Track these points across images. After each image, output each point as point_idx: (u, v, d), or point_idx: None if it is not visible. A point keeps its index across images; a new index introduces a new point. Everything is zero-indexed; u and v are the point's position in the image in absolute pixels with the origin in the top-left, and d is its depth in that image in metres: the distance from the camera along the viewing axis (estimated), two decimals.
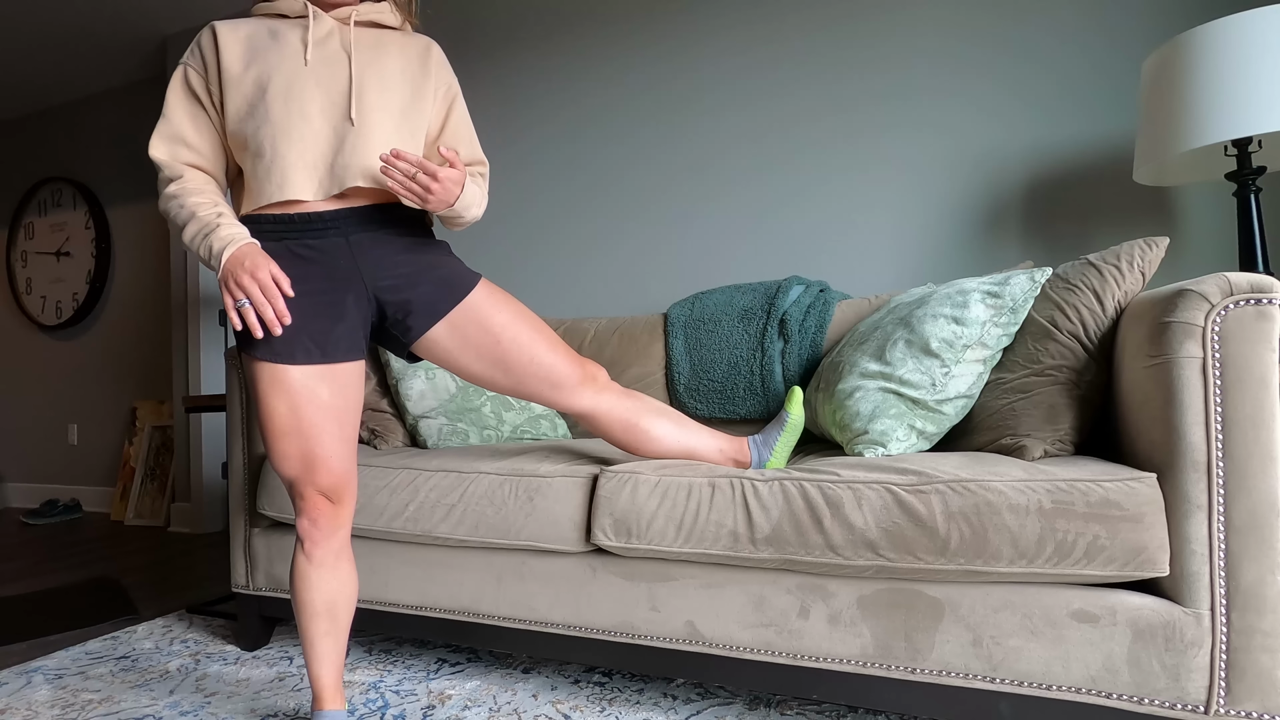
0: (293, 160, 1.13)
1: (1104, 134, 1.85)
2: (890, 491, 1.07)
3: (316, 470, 1.12)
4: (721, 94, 2.29)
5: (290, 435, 1.11)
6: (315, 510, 1.13)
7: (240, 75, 1.14)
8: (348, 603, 1.18)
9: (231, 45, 1.15)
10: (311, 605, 1.15)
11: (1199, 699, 0.94)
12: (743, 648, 1.18)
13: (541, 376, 1.25)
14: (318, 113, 1.14)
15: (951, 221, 2.00)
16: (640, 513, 1.22)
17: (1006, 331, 1.25)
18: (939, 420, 1.26)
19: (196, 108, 1.17)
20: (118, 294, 3.76)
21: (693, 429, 1.35)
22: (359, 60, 1.18)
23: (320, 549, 1.14)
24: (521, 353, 1.23)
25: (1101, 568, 0.97)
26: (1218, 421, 0.93)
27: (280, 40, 1.16)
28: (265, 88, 1.13)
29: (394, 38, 1.24)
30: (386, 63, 1.20)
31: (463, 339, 1.21)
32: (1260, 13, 1.35)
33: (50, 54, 3.43)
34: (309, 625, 1.16)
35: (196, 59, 1.17)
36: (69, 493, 3.86)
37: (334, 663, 1.19)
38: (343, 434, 1.14)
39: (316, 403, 1.11)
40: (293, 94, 1.13)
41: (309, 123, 1.13)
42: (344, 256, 1.16)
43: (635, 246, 2.41)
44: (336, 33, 1.19)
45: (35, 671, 1.56)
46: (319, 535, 1.14)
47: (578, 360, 1.28)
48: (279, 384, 1.10)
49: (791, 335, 1.76)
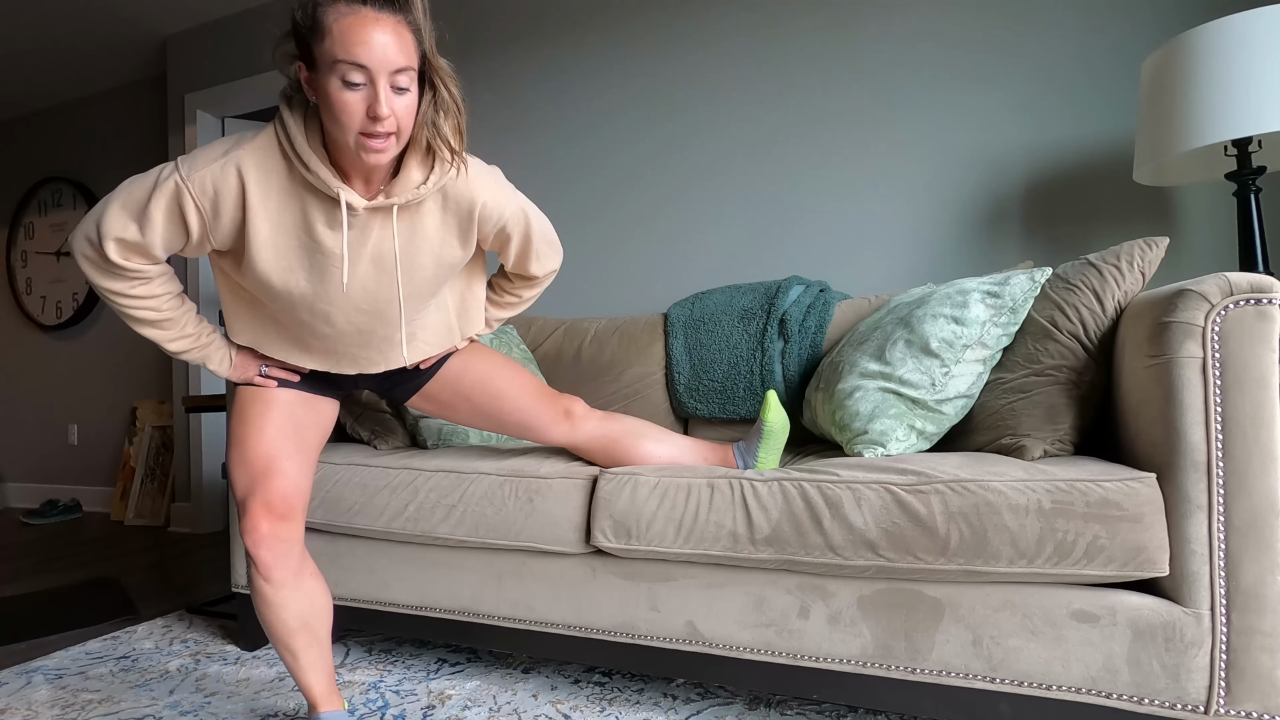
0: (315, 347, 1.17)
1: (1104, 134, 1.85)
2: (890, 491, 1.07)
3: (266, 476, 1.11)
4: (722, 95, 2.29)
5: (253, 438, 1.14)
6: (258, 530, 1.09)
7: (267, 272, 1.05)
8: (323, 613, 1.17)
9: (261, 226, 1.02)
10: (285, 625, 1.13)
11: (1199, 699, 0.94)
12: (743, 648, 1.18)
13: (516, 420, 1.35)
14: (346, 322, 1.13)
15: (951, 221, 2.00)
16: (640, 514, 1.22)
17: (1006, 331, 1.25)
18: (939, 420, 1.26)
19: (178, 235, 1.03)
20: None
21: (674, 442, 1.37)
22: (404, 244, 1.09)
23: (277, 570, 1.11)
24: (493, 404, 1.34)
25: (1101, 568, 0.97)
26: (1218, 421, 0.93)
27: (319, 246, 1.04)
28: (295, 304, 1.09)
29: (433, 209, 1.09)
30: (422, 251, 1.11)
31: (438, 403, 1.36)
32: (1260, 13, 1.35)
33: (50, 54, 3.43)
34: (288, 642, 1.14)
35: (209, 202, 1.00)
36: (69, 493, 3.86)
37: (323, 669, 1.17)
38: (302, 453, 1.17)
39: (287, 412, 1.17)
40: (320, 309, 1.10)
41: (335, 329, 1.14)
42: (346, 386, 1.31)
43: (635, 247, 2.41)
44: (375, 228, 1.06)
45: (35, 671, 1.56)
46: (269, 557, 1.10)
47: (551, 400, 1.35)
48: (253, 398, 1.18)
49: (791, 335, 1.76)
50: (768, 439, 1.33)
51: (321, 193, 1.02)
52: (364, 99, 0.92)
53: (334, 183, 0.99)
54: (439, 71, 0.98)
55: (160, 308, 1.11)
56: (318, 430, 1.23)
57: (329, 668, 1.18)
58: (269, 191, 1.01)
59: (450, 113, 1.00)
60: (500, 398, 1.33)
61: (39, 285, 3.96)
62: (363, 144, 0.94)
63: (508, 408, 1.34)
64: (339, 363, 1.20)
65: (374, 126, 0.93)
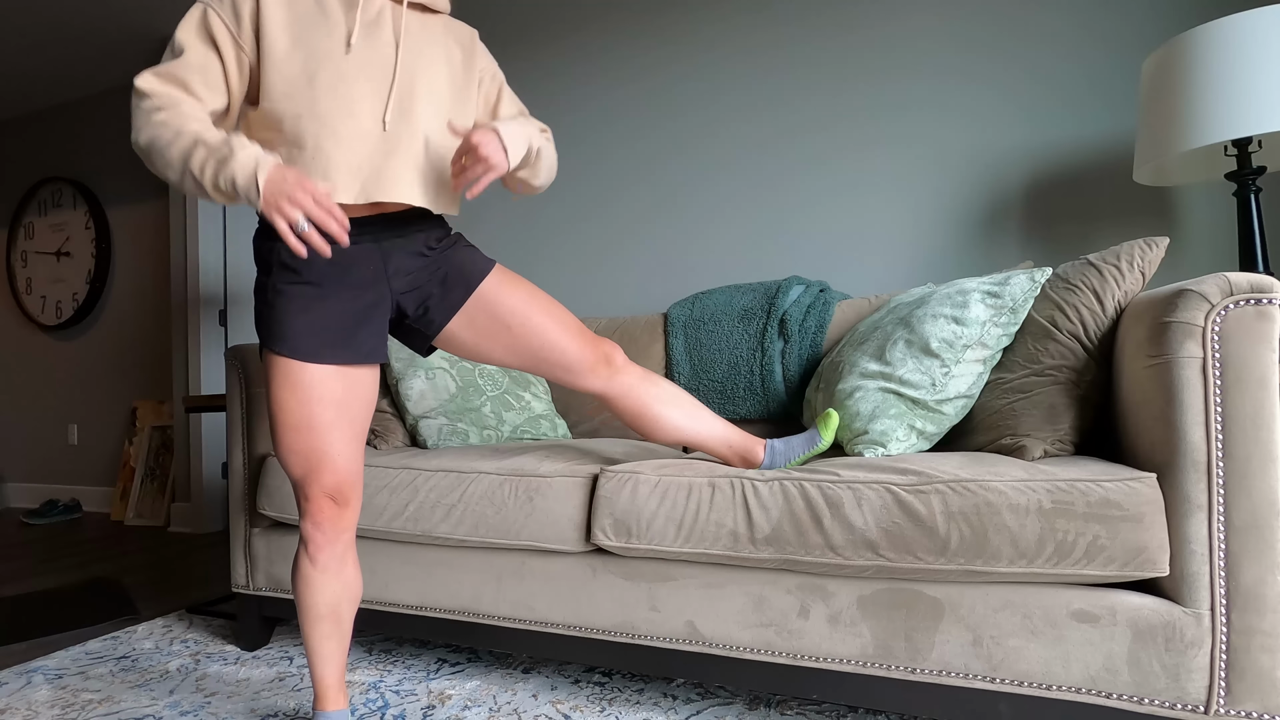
0: (338, 161, 1.07)
1: (1104, 134, 1.85)
2: (890, 491, 1.07)
3: (322, 469, 1.10)
4: (723, 96, 2.29)
5: (300, 431, 1.09)
6: (320, 513, 1.11)
7: (285, 54, 1.05)
8: (351, 604, 1.18)
9: (275, 12, 1.05)
10: (316, 609, 1.14)
11: (1199, 699, 0.94)
12: (743, 648, 1.18)
13: (554, 360, 1.25)
14: (366, 112, 1.08)
15: (951, 221, 2.00)
16: (640, 513, 1.22)
17: (1006, 331, 1.25)
18: (939, 420, 1.26)
19: (213, 61, 1.05)
20: (118, 294, 3.76)
21: (705, 419, 1.31)
22: (408, 50, 1.12)
23: (324, 553, 1.13)
24: (534, 338, 1.23)
25: (1101, 568, 0.97)
26: (1218, 421, 0.93)
27: (328, 17, 1.08)
28: (313, 77, 1.05)
29: (440, 23, 1.18)
30: (434, 53, 1.15)
31: (477, 330, 1.22)
32: (1260, 13, 1.35)
33: (50, 53, 3.43)
34: (312, 628, 1.15)
35: (228, 9, 1.05)
36: (69, 493, 3.86)
37: (337, 663, 1.18)
38: (352, 434, 1.13)
39: (329, 400, 1.10)
40: (340, 88, 1.06)
41: (356, 121, 1.08)
42: (373, 261, 1.14)
43: (635, 247, 2.41)
44: (388, 15, 1.11)
45: (35, 671, 1.56)
46: (323, 539, 1.12)
47: (592, 342, 1.27)
48: (296, 381, 1.09)
49: (791, 335, 1.76)
50: (815, 452, 1.28)
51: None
52: None
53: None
54: None
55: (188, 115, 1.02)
56: (363, 405, 1.16)
57: (343, 661, 1.19)
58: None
59: None
60: (543, 331, 1.24)
61: (39, 285, 3.96)
62: None
63: (550, 342, 1.24)
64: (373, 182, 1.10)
65: None
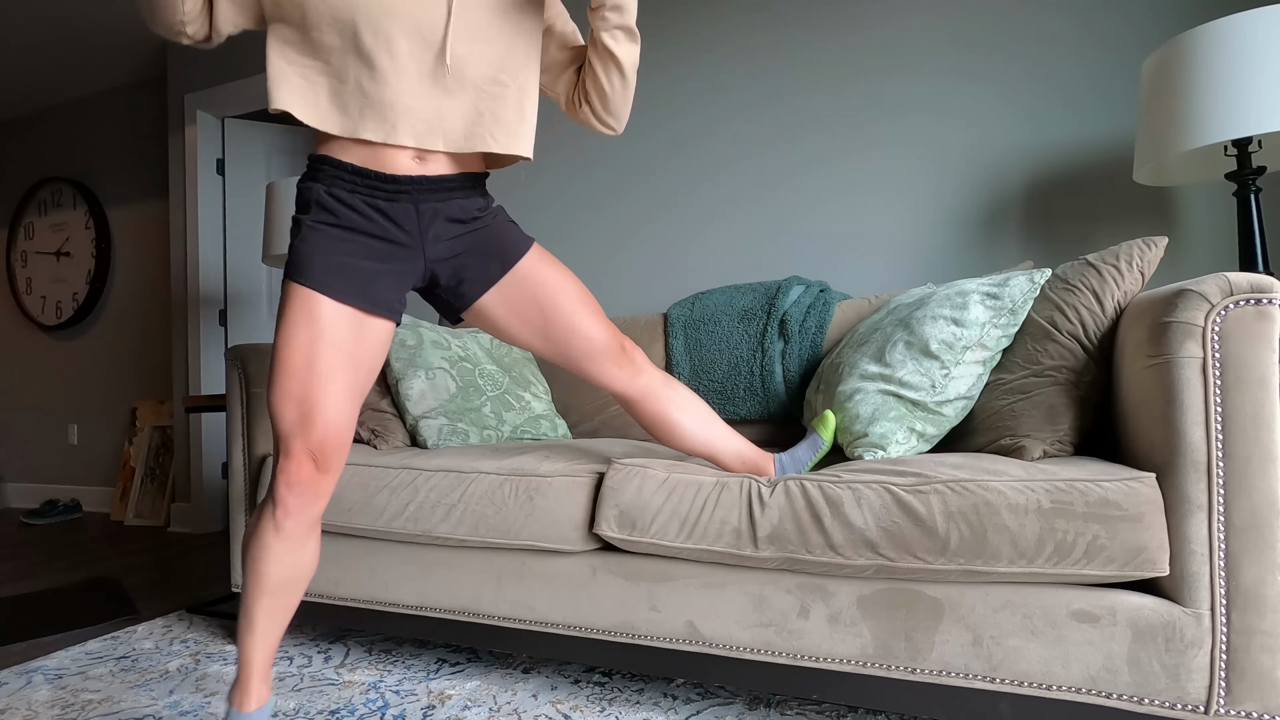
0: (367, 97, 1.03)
1: (1104, 134, 1.85)
2: (890, 491, 1.07)
3: (313, 420, 1.02)
4: (722, 96, 2.29)
5: (299, 373, 1.02)
6: (299, 472, 1.02)
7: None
8: (302, 583, 1.09)
9: None
10: (266, 579, 1.05)
11: (1199, 699, 0.94)
12: (743, 648, 1.18)
13: (580, 348, 1.23)
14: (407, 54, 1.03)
15: (951, 222, 2.00)
16: (646, 506, 1.22)
17: (1006, 333, 1.25)
18: (939, 422, 1.26)
19: None
20: (118, 294, 3.76)
21: (718, 430, 1.31)
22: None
23: (292, 520, 1.03)
24: (565, 321, 1.21)
25: (1101, 567, 0.97)
26: (1218, 421, 0.93)
27: None
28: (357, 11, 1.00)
29: None
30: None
31: (509, 306, 1.20)
32: (1260, 13, 1.35)
33: (51, 54, 3.43)
34: (255, 600, 1.06)
35: None
36: (69, 493, 3.86)
37: (270, 645, 1.09)
38: (352, 391, 1.06)
39: (337, 344, 1.04)
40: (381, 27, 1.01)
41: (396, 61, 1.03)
42: (409, 223, 1.10)
43: (635, 247, 2.41)
44: None
45: (35, 671, 1.56)
46: (295, 504, 1.03)
47: (617, 337, 1.26)
48: (309, 313, 1.04)
49: (792, 335, 1.76)
50: (819, 456, 1.31)
51: None
52: None
53: None
54: None
55: None
56: (369, 361, 1.09)
57: (275, 645, 1.11)
58: None
59: None
60: (574, 315, 1.21)
61: (39, 285, 3.96)
62: None
63: (580, 327, 1.22)
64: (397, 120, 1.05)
65: None
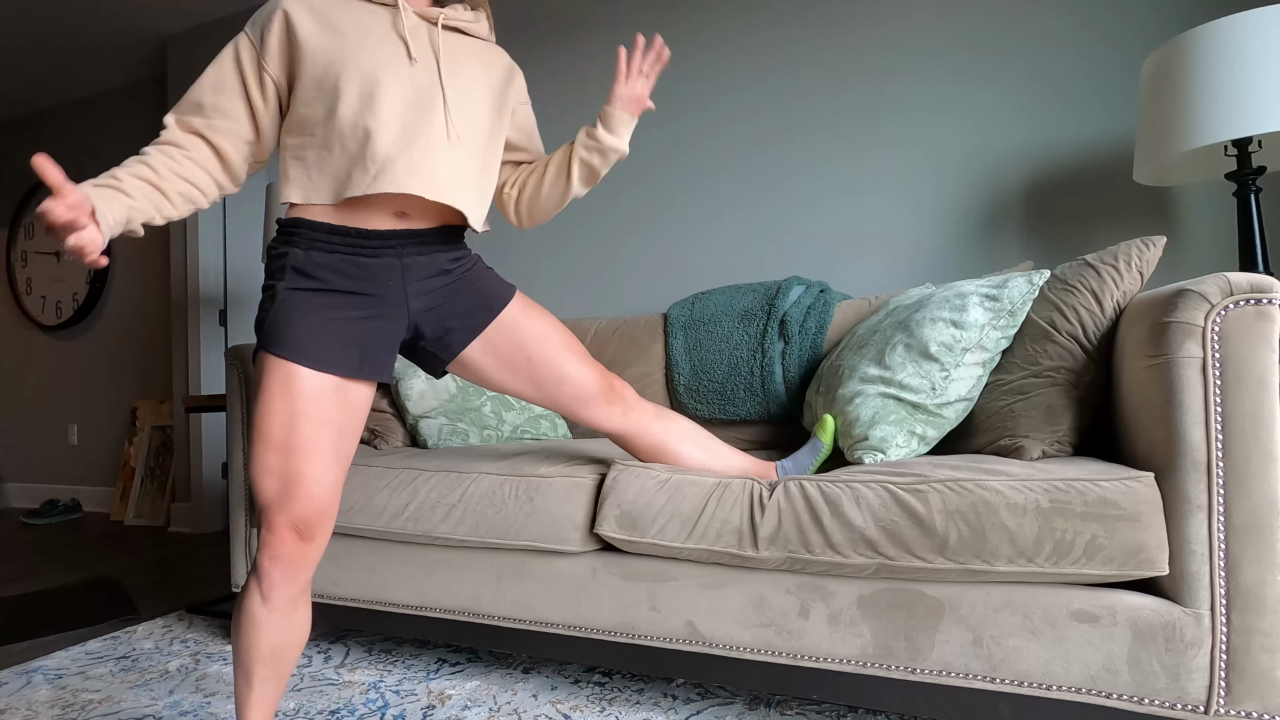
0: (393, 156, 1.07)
1: (1104, 134, 1.85)
2: (888, 490, 1.07)
3: (296, 495, 1.00)
4: (723, 96, 2.29)
5: (281, 449, 1.00)
6: (281, 546, 1.01)
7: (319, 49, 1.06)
8: (296, 649, 1.08)
9: (305, 17, 1.06)
10: (257, 650, 1.04)
11: (1199, 699, 0.94)
12: (743, 648, 1.18)
13: (570, 393, 1.25)
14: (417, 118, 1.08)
15: (951, 222, 2.00)
16: (648, 506, 1.22)
17: (1005, 334, 1.25)
18: (939, 424, 1.26)
19: (233, 75, 1.07)
20: (118, 294, 3.76)
21: (720, 451, 1.33)
22: (447, 68, 1.12)
23: (279, 592, 1.01)
24: (552, 368, 1.23)
25: (1100, 567, 0.97)
26: (1218, 421, 0.93)
27: (365, 23, 1.08)
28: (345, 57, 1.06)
29: (478, 48, 1.19)
30: (472, 74, 1.15)
31: (496, 356, 1.21)
32: (1260, 13, 1.35)
33: (50, 54, 3.43)
34: (250, 669, 1.05)
35: (256, 28, 1.07)
36: (69, 493, 3.86)
37: (266, 708, 1.08)
38: (336, 461, 1.04)
39: (319, 416, 1.02)
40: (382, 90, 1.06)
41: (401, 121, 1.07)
42: (393, 278, 1.10)
43: (636, 247, 2.41)
44: (424, 32, 1.12)
45: (35, 671, 1.56)
46: (280, 578, 1.01)
47: (606, 377, 1.27)
48: (287, 386, 1.01)
49: (792, 336, 1.76)
50: (819, 460, 1.33)
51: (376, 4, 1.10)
52: None
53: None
54: None
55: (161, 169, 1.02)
56: (352, 428, 1.08)
57: (273, 707, 1.09)
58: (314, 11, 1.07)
59: None
60: (562, 361, 1.23)
61: (39, 285, 3.96)
62: None
63: (569, 373, 1.24)
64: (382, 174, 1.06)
65: None
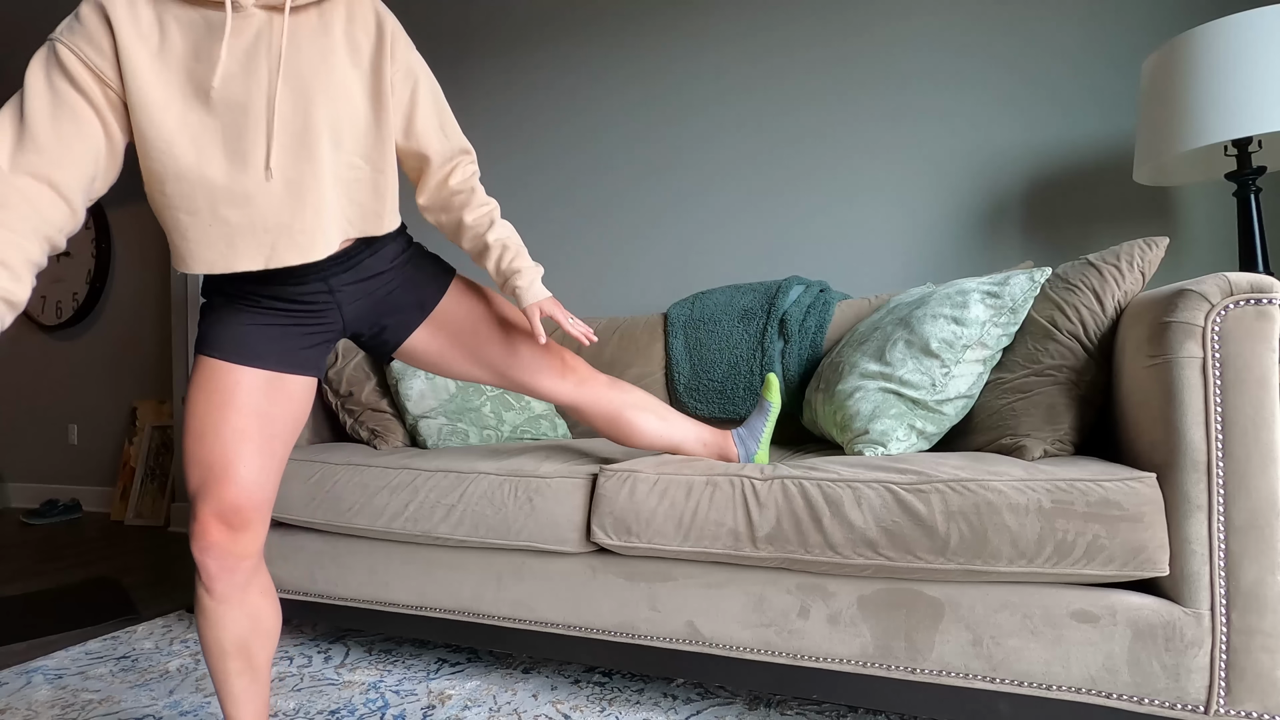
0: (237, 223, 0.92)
1: (1104, 134, 1.85)
2: (890, 490, 1.07)
3: (221, 484, 0.96)
4: (722, 94, 2.29)
5: (205, 438, 0.97)
6: (206, 537, 0.96)
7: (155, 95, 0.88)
8: (265, 639, 1.05)
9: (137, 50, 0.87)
10: (219, 644, 1.02)
11: (1199, 699, 0.94)
12: (743, 648, 1.18)
13: (521, 365, 1.22)
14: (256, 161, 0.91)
15: (952, 221, 2.00)
16: (640, 511, 1.22)
17: (1006, 332, 1.25)
18: (939, 420, 1.26)
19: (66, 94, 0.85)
20: (118, 294, 3.76)
21: (676, 421, 1.36)
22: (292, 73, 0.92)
23: (221, 583, 0.99)
24: (496, 347, 1.20)
25: (1101, 567, 0.97)
26: (1218, 421, 0.93)
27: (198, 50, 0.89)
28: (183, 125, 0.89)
29: (341, 13, 0.96)
30: (331, 63, 0.94)
31: (439, 344, 1.19)
32: (1260, 13, 1.35)
33: None
34: (217, 665, 1.03)
35: (82, 40, 0.86)
36: (69, 493, 3.86)
37: (251, 704, 1.05)
38: (267, 451, 1.00)
39: (248, 408, 0.99)
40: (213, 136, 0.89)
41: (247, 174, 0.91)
42: (322, 299, 1.04)
43: (635, 246, 2.41)
44: (272, 30, 0.91)
45: (35, 671, 1.56)
46: (215, 568, 0.98)
47: (557, 351, 1.27)
48: (213, 381, 0.98)
49: (791, 335, 1.76)
50: (772, 419, 1.36)
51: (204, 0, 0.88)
52: None
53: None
54: None
55: None
56: (288, 419, 1.04)
57: (260, 704, 1.05)
58: (137, 10, 0.87)
59: None
60: (510, 337, 1.21)
61: (39, 285, 3.96)
62: None
63: (518, 346, 1.21)
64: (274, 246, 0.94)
65: None
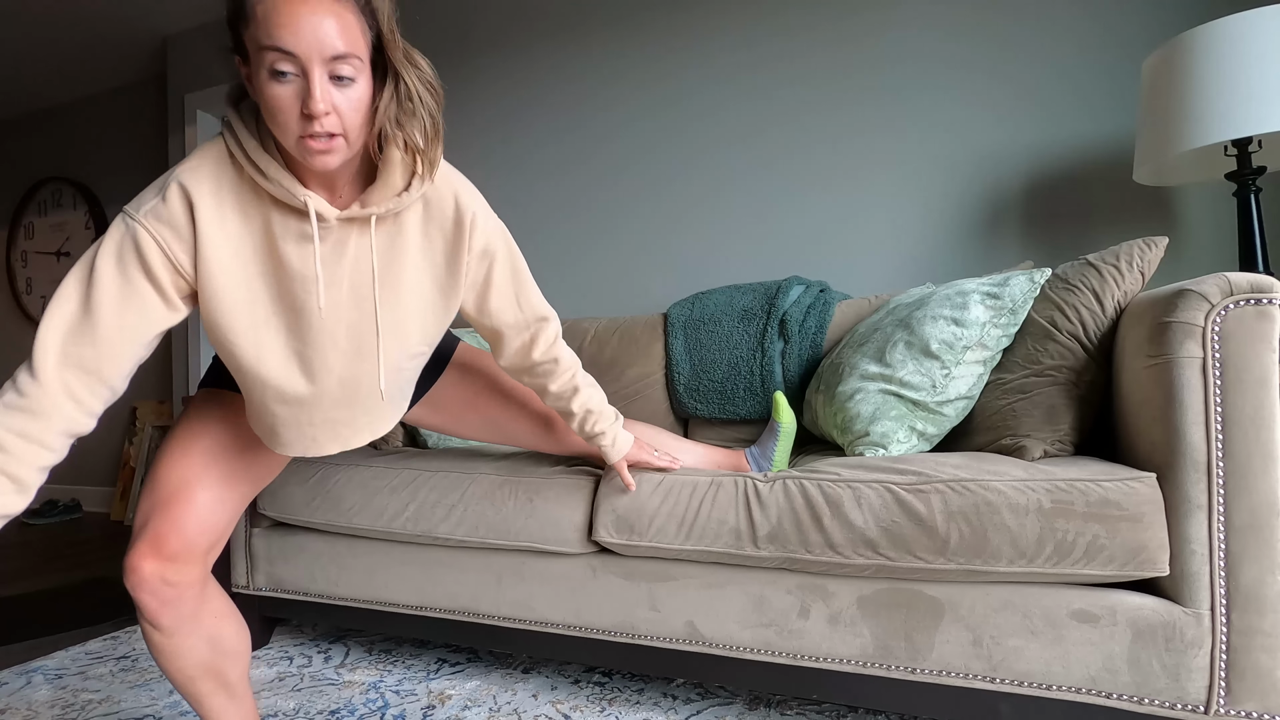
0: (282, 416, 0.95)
1: (1104, 134, 1.85)
2: (890, 490, 1.07)
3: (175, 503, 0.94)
4: (722, 93, 2.29)
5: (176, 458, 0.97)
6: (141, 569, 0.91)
7: (231, 298, 0.86)
8: (233, 656, 1.01)
9: (219, 249, 0.84)
10: (183, 673, 0.98)
11: (1199, 699, 0.94)
12: (743, 648, 1.18)
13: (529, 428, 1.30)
14: (325, 371, 0.93)
15: (951, 221, 2.00)
16: (643, 510, 1.22)
17: (1006, 332, 1.25)
18: (939, 422, 1.26)
19: (138, 283, 0.82)
20: None
21: (688, 451, 1.35)
22: (386, 290, 0.92)
23: (165, 617, 0.93)
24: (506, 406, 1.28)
25: (1101, 567, 0.97)
26: (1218, 421, 0.93)
27: (280, 255, 0.86)
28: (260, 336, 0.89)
29: (414, 219, 0.92)
30: (405, 262, 0.93)
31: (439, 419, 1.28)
32: (1260, 13, 1.35)
33: (50, 54, 3.42)
34: (187, 690, 0.99)
35: (164, 221, 0.81)
36: (69, 493, 3.86)
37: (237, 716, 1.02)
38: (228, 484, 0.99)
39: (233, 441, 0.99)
40: (269, 335, 0.90)
41: (315, 384, 0.93)
42: None
43: (635, 246, 2.41)
44: (351, 245, 0.89)
45: (35, 671, 1.56)
46: (154, 602, 0.92)
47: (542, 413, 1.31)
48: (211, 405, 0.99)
49: (792, 335, 1.76)
50: (784, 438, 1.33)
51: (286, 205, 0.85)
52: (296, 93, 0.75)
53: (297, 189, 0.82)
54: (398, 58, 0.80)
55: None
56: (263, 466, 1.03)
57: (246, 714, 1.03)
58: (223, 207, 0.84)
59: (417, 108, 0.82)
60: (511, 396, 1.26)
61: (39, 285, 3.96)
62: (304, 147, 0.77)
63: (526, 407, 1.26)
64: (314, 439, 0.99)
65: (310, 126, 0.75)
